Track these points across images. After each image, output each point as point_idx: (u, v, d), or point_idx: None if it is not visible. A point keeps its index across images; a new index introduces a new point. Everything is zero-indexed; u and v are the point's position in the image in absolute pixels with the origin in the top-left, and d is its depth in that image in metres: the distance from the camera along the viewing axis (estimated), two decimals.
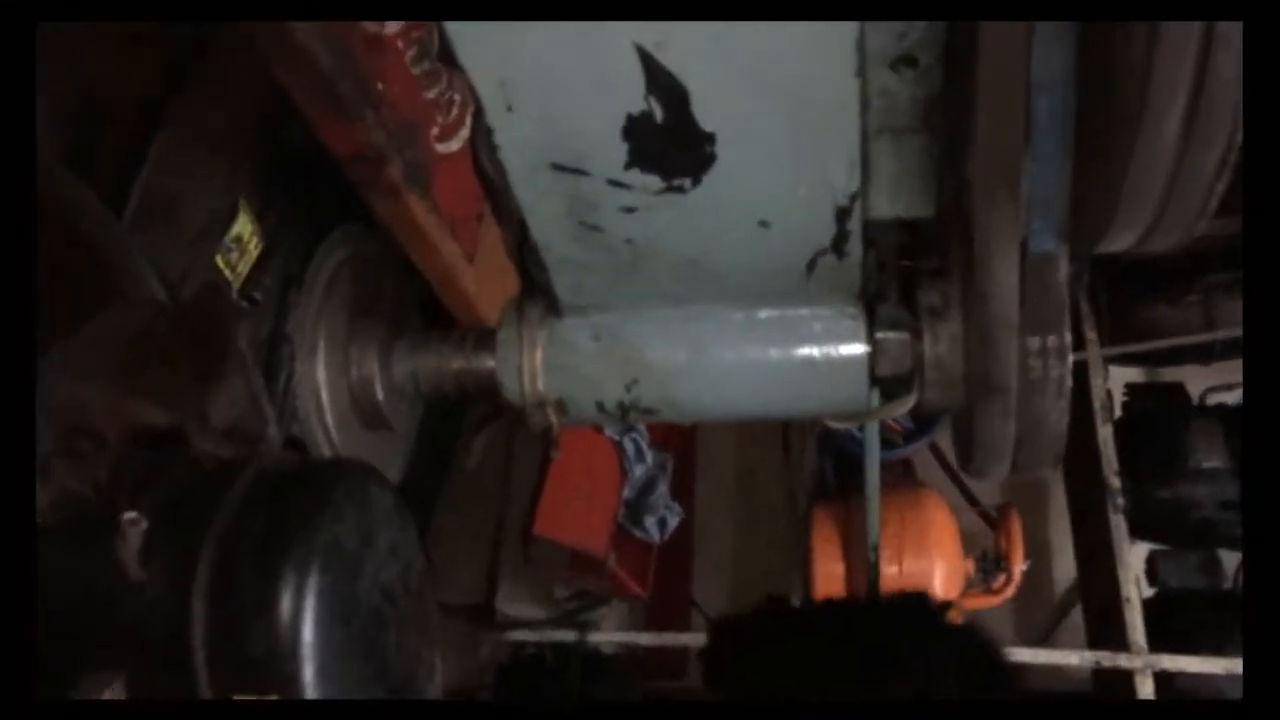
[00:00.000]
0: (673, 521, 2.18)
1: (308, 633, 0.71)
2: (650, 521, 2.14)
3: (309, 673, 0.72)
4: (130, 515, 0.73)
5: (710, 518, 2.65)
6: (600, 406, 0.83)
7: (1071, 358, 0.69)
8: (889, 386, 0.81)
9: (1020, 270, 0.63)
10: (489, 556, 2.33)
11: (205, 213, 1.13)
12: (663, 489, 2.18)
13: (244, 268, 1.17)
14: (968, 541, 2.20)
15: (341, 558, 0.76)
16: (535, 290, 0.82)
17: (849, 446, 2.34)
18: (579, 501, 1.99)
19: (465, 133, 1.31)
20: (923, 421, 2.41)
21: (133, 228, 1.08)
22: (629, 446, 2.12)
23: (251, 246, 1.19)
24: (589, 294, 0.80)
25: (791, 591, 2.22)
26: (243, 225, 1.14)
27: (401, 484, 1.07)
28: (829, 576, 2.14)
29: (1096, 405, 2.27)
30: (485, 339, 0.89)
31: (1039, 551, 2.57)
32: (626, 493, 2.11)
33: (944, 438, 2.44)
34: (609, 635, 2.23)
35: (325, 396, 0.91)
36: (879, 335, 0.78)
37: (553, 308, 0.82)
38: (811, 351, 0.79)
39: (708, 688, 1.02)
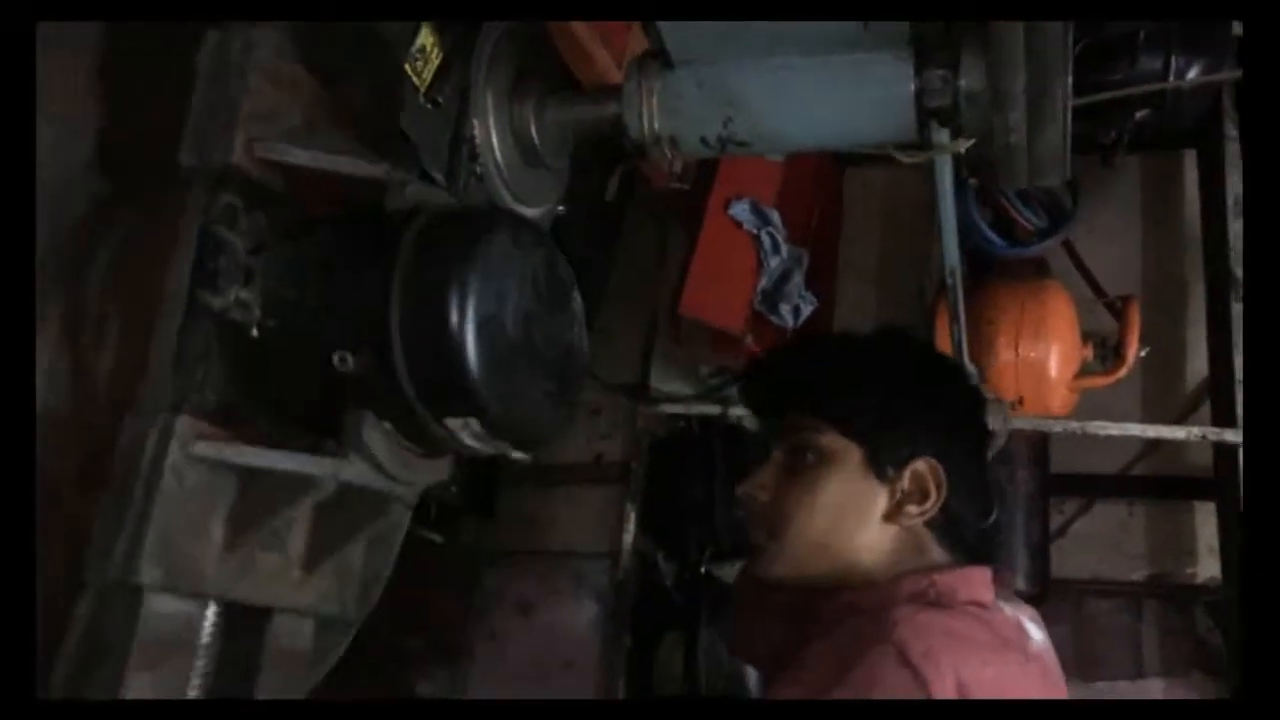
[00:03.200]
0: (806, 309, 2.38)
1: (473, 352, 0.94)
2: (785, 309, 2.35)
3: (479, 377, 0.94)
4: (338, 357, 0.95)
5: (850, 313, 2.84)
6: (704, 141, 1.05)
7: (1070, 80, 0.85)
8: (939, 118, 0.98)
9: None
10: (644, 340, 2.63)
11: (394, 25, 1.21)
12: (798, 280, 2.38)
13: (427, 75, 1.26)
14: (1091, 331, 2.33)
15: (492, 294, 0.97)
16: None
17: (980, 244, 2.47)
18: (719, 286, 2.22)
19: None
20: (1055, 219, 2.50)
21: None
22: (765, 240, 2.32)
23: (433, 56, 1.27)
24: (693, 50, 1.00)
25: None
26: (425, 37, 1.25)
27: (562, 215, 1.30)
28: None
29: (1230, 201, 2.32)
30: (613, 91, 1.11)
31: (1173, 348, 2.65)
32: (763, 282, 2.32)
33: (1078, 235, 2.53)
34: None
35: (496, 141, 1.16)
36: (925, 74, 0.96)
37: (666, 63, 1.03)
38: (870, 88, 0.97)
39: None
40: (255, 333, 1.01)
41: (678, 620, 2.35)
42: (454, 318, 0.94)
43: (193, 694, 0.94)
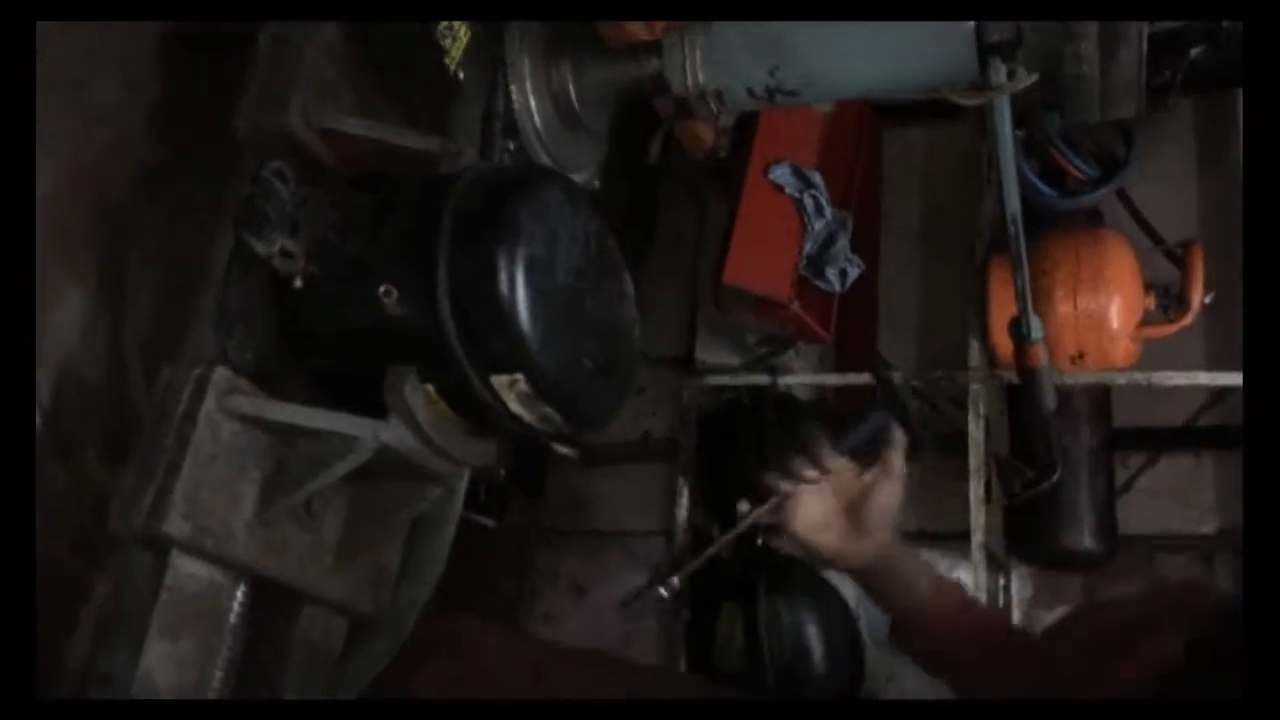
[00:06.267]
0: (853, 273, 2.32)
1: (521, 294, 0.90)
2: (831, 272, 2.29)
3: (526, 323, 0.91)
4: (383, 289, 0.92)
5: (895, 276, 2.77)
6: (750, 92, 0.99)
7: None
8: (1001, 53, 0.93)
9: None
10: (687, 312, 2.58)
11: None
12: (843, 243, 2.31)
13: (456, 52, 1.26)
14: (1152, 279, 2.24)
15: (541, 238, 0.94)
16: None
17: (1030, 196, 2.39)
18: (763, 251, 2.17)
19: None
20: (1108, 167, 2.42)
21: None
22: (808, 203, 2.26)
23: (461, 33, 1.27)
24: None
25: (969, 337, 2.35)
26: None
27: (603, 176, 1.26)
28: (1005, 323, 2.24)
29: None
30: (654, 47, 1.06)
31: (1235, 290, 2.55)
32: (808, 246, 2.26)
33: (1130, 182, 2.45)
34: (798, 378, 2.44)
35: (534, 105, 1.12)
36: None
37: None
38: (925, 24, 0.92)
39: None
40: (299, 283, 0.98)
41: (735, 592, 2.31)
42: (502, 254, 0.90)
43: (217, 676, 0.91)
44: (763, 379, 2.42)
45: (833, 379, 2.48)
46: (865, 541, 1.13)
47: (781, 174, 2.23)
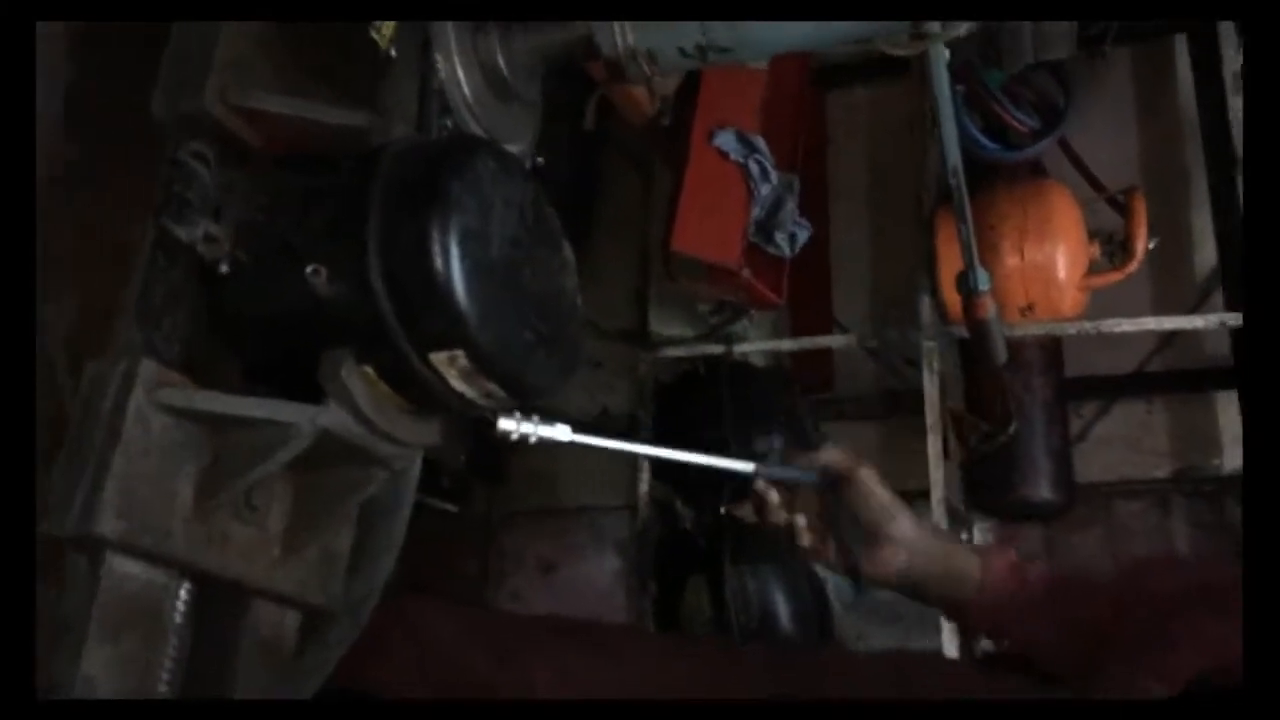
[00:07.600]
0: (802, 236, 2.31)
1: (456, 268, 0.87)
2: (780, 237, 2.28)
3: (463, 297, 0.88)
4: (311, 269, 0.89)
5: (845, 237, 2.77)
6: (682, 51, 0.97)
7: None
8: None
9: None
10: (637, 284, 2.57)
11: None
12: (791, 207, 2.30)
13: (388, 30, 1.26)
14: (1096, 227, 2.26)
15: (475, 208, 0.91)
16: None
17: (973, 150, 2.39)
18: (710, 219, 2.15)
19: None
20: (1048, 118, 2.43)
21: None
22: (754, 168, 2.24)
23: None
24: None
25: (919, 292, 2.35)
26: None
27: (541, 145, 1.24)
28: (954, 278, 2.24)
29: (1228, 78, 2.25)
30: None
31: (1179, 236, 2.59)
32: (755, 212, 2.25)
33: (1071, 133, 2.46)
34: (753, 345, 2.43)
35: (462, 76, 1.09)
36: None
37: None
38: None
39: None
40: (225, 268, 0.95)
41: (701, 563, 2.31)
42: (434, 227, 0.88)
43: (163, 679, 0.89)
44: (718, 348, 2.41)
45: (788, 344, 2.48)
46: (886, 548, 1.05)
47: (726, 140, 2.21)
